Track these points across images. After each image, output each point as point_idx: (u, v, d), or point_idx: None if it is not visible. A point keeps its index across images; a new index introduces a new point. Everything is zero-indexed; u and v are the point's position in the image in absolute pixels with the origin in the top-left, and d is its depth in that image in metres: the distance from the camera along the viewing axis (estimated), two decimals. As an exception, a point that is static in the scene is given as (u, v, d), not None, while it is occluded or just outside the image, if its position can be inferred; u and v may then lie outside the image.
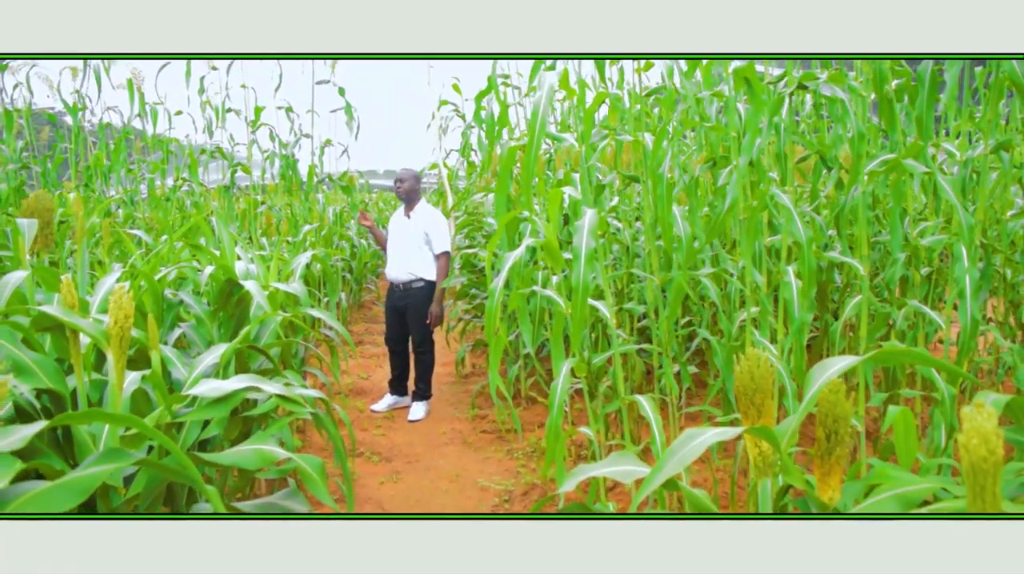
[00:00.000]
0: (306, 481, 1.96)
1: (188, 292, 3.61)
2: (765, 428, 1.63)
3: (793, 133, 3.62)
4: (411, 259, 5.69)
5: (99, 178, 6.78)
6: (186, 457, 1.34)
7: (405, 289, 5.72)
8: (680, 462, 1.58)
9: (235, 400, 2.01)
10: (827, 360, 1.84)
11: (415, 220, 5.70)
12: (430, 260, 5.70)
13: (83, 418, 1.56)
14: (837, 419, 1.64)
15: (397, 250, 5.77)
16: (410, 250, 5.69)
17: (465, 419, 5.84)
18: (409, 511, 4.25)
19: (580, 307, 2.29)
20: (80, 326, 1.99)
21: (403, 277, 5.70)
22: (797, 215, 2.66)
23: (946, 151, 2.99)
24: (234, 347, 2.91)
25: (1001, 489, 1.13)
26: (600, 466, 1.95)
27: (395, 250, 5.79)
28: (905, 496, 1.74)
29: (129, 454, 1.37)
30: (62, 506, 1.24)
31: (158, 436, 1.29)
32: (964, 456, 1.12)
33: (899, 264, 3.08)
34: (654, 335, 3.57)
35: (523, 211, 2.49)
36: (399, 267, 5.72)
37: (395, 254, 5.78)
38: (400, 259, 5.73)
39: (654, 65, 3.46)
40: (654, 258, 3.31)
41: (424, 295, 5.69)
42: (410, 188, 5.75)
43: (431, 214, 5.77)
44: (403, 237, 5.74)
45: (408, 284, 5.70)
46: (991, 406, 1.68)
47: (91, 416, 1.51)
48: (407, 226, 5.73)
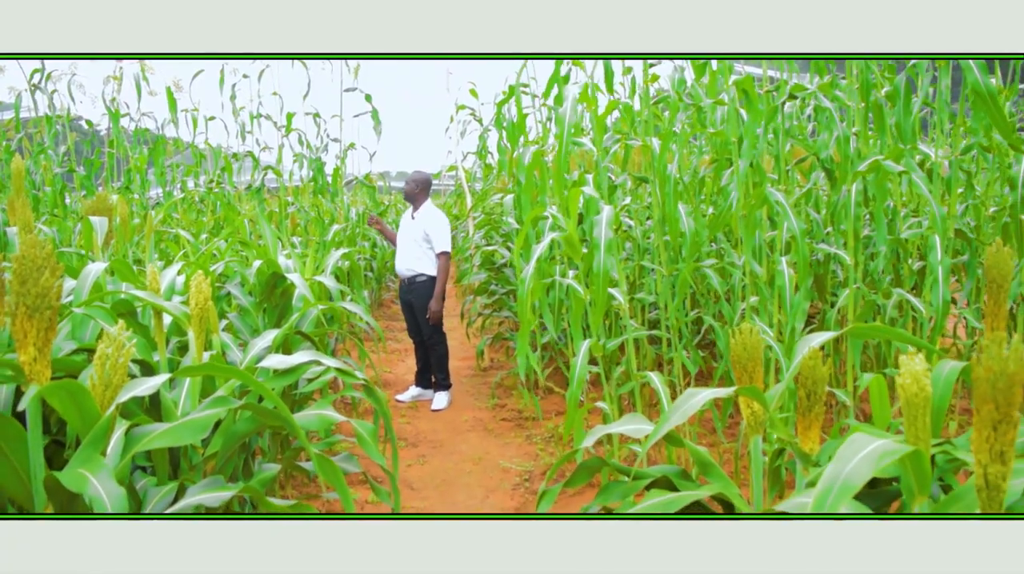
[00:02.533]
0: (360, 443, 2.28)
1: (235, 285, 3.94)
2: (753, 387, 1.94)
3: (792, 136, 3.92)
4: (413, 256, 6.14)
5: (139, 181, 7.15)
6: (281, 403, 1.65)
7: (410, 283, 6.20)
8: (683, 415, 1.89)
9: (300, 371, 2.34)
10: (809, 335, 2.15)
11: (419, 220, 6.14)
12: (432, 258, 6.11)
13: (201, 370, 1.87)
14: (815, 381, 1.95)
15: (402, 247, 6.25)
16: (413, 248, 6.14)
17: (486, 408, 6.16)
18: (436, 490, 4.56)
19: (600, 292, 2.61)
20: (168, 308, 2.32)
21: (405, 272, 6.19)
22: (792, 211, 2.98)
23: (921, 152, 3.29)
24: (284, 332, 3.24)
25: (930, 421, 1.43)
26: (614, 425, 2.27)
27: (401, 247, 6.27)
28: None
29: (232, 400, 1.69)
30: (187, 440, 1.55)
31: (260, 387, 1.61)
32: (901, 393, 1.43)
33: (881, 256, 3.39)
34: (663, 323, 3.88)
35: (548, 208, 2.80)
36: (403, 263, 6.22)
37: (400, 250, 6.27)
38: (404, 255, 6.21)
39: (660, 77, 3.78)
40: (662, 252, 3.62)
41: (427, 289, 6.11)
42: (412, 191, 6.17)
43: (433, 215, 6.19)
44: (408, 235, 6.20)
45: (412, 279, 6.17)
46: (949, 370, 2.01)
47: (207, 368, 1.82)
48: (412, 226, 6.19)
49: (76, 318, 2.63)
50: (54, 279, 1.56)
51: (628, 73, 4.23)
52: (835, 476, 1.30)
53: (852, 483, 1.28)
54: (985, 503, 1.31)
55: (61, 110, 7.28)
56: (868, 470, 1.29)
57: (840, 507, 1.27)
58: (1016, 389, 1.26)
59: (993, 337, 1.28)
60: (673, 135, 3.33)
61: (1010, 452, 1.28)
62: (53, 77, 7.09)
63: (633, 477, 2.07)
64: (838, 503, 1.27)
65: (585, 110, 3.42)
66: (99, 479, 1.41)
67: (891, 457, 1.30)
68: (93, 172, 7.50)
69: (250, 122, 7.61)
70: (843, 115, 3.98)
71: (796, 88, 3.00)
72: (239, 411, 2.06)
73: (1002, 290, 2.29)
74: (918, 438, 1.42)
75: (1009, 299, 3.64)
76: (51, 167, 6.74)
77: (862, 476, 1.28)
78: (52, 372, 1.60)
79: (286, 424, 1.71)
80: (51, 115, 7.10)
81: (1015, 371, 1.26)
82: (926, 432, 1.43)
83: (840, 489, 1.28)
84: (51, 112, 7.17)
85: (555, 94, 4.00)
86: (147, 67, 6.91)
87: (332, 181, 8.50)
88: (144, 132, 7.59)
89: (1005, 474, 1.29)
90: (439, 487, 4.60)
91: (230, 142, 8.02)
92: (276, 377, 2.37)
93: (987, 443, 1.28)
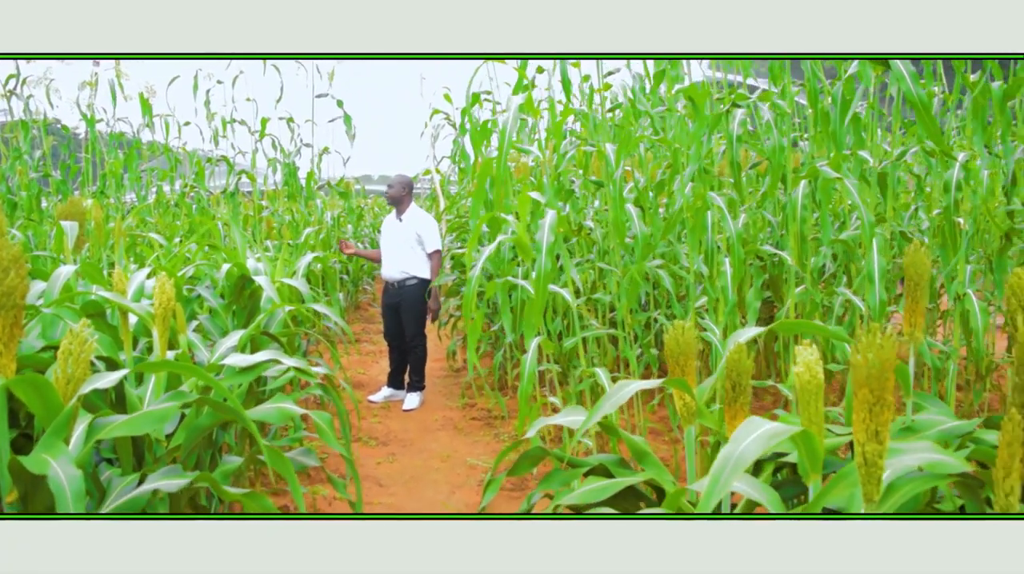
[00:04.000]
0: (319, 433, 2.41)
1: (206, 287, 4.05)
2: (681, 380, 2.08)
3: (745, 142, 4.07)
4: (404, 259, 6.15)
5: (114, 185, 7.24)
6: (232, 396, 1.77)
7: (399, 287, 6.18)
8: (613, 405, 2.02)
9: (260, 369, 2.46)
10: (737, 331, 2.29)
11: (407, 223, 6.16)
12: (422, 259, 6.15)
13: (157, 367, 1.99)
14: (740, 373, 2.08)
15: (391, 251, 6.23)
16: (403, 250, 6.15)
17: (456, 408, 6.28)
18: (403, 487, 4.68)
19: (541, 291, 2.74)
20: (133, 308, 2.43)
21: (397, 275, 6.16)
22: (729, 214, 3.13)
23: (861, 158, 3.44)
24: (250, 333, 3.35)
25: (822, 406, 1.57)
26: (555, 417, 2.40)
27: (389, 251, 6.25)
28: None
29: (188, 394, 1.82)
30: (145, 429, 1.68)
31: (212, 382, 1.73)
32: (796, 380, 1.57)
33: (821, 256, 3.55)
34: (620, 323, 4.02)
35: (499, 213, 2.94)
36: (393, 266, 6.18)
37: (389, 255, 6.24)
38: (394, 259, 6.19)
39: (612, 86, 3.92)
40: (617, 253, 3.77)
41: (416, 292, 6.14)
42: (398, 194, 6.20)
43: (422, 216, 6.24)
44: (396, 239, 6.20)
45: (402, 282, 6.16)
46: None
47: (164, 365, 1.94)
48: (400, 228, 6.19)
49: (46, 318, 2.74)
50: (19, 279, 1.68)
51: (587, 80, 4.38)
52: (729, 455, 1.43)
53: (744, 460, 1.42)
54: (864, 479, 1.45)
55: (37, 114, 7.36)
56: (758, 449, 1.42)
57: (732, 483, 1.41)
58: (889, 374, 1.40)
59: (870, 328, 1.42)
60: (627, 140, 3.47)
61: (885, 432, 1.42)
62: (29, 82, 7.17)
63: (568, 464, 2.20)
64: (731, 479, 1.40)
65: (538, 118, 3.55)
66: (59, 463, 1.53)
67: (780, 437, 1.44)
68: (70, 176, 7.58)
69: (223, 127, 7.71)
70: (796, 121, 4.15)
71: (739, 97, 3.15)
72: (203, 407, 2.19)
73: (919, 288, 2.44)
74: (811, 421, 1.56)
75: (950, 298, 3.81)
76: (27, 172, 6.82)
77: (753, 454, 1.42)
78: (20, 367, 1.72)
79: (237, 416, 1.83)
80: (27, 119, 7.18)
81: (887, 358, 1.40)
82: (819, 416, 1.57)
83: (733, 466, 1.42)
84: (27, 117, 7.24)
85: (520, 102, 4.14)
86: (122, 73, 7.00)
87: (306, 185, 8.61)
88: (120, 137, 7.68)
89: (881, 452, 1.43)
90: (407, 483, 4.72)
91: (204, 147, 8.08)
92: (237, 374, 2.49)
93: (864, 424, 1.42)
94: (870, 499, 1.46)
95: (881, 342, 1.39)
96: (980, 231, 4.35)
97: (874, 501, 1.46)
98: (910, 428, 2.20)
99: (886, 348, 1.39)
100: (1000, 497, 1.50)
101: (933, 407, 2.41)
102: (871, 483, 1.44)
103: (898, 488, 1.54)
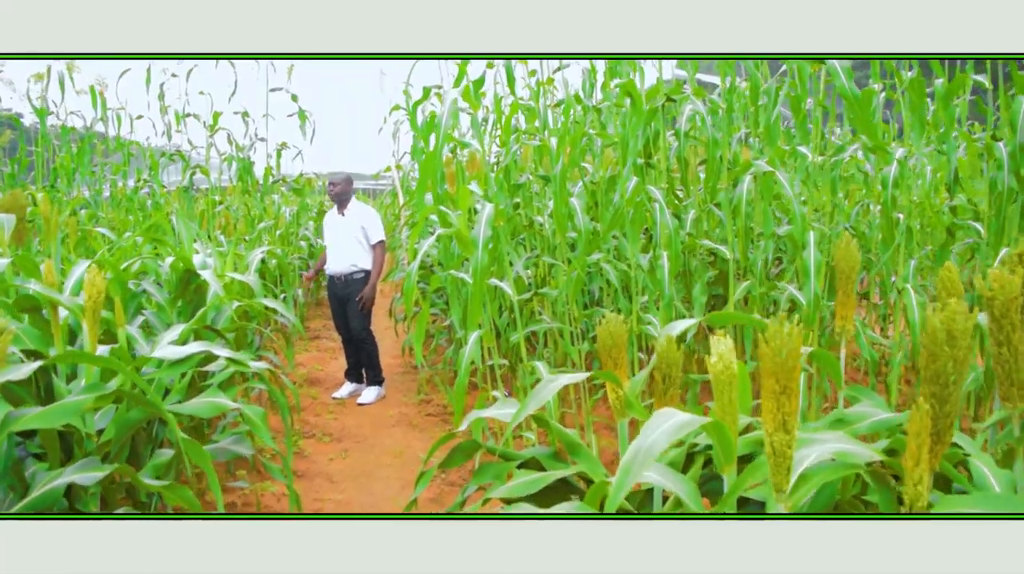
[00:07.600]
0: (251, 426, 2.39)
1: (151, 282, 4.00)
2: (610, 373, 2.08)
3: (693, 138, 4.09)
4: (352, 252, 6.19)
5: (65, 179, 7.13)
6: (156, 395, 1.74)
7: (346, 280, 6.21)
8: (539, 401, 2.02)
9: (191, 362, 2.43)
10: (670, 324, 2.30)
11: (350, 217, 6.20)
12: (368, 252, 6.17)
13: (73, 358, 1.96)
14: (670, 365, 2.09)
15: (337, 246, 6.27)
16: (350, 244, 6.19)
17: (412, 404, 6.26)
18: (354, 483, 4.66)
19: (479, 284, 2.75)
20: (61, 301, 2.40)
21: (345, 269, 6.20)
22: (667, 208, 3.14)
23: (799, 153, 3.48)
24: (191, 327, 3.31)
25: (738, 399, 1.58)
26: (488, 410, 2.40)
27: (334, 246, 6.29)
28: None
29: (105, 386, 1.79)
30: (60, 421, 1.65)
31: (132, 375, 1.71)
32: (711, 371, 1.58)
33: (760, 250, 3.58)
34: (566, 317, 4.03)
35: (441, 206, 2.93)
36: (341, 260, 6.21)
37: (335, 249, 6.28)
38: (341, 253, 6.22)
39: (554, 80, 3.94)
40: (563, 247, 3.78)
41: (363, 285, 6.15)
42: (343, 191, 6.23)
43: (364, 210, 6.33)
44: (341, 233, 6.25)
45: (349, 275, 6.20)
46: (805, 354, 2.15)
47: (79, 356, 1.91)
48: (343, 223, 6.24)
49: (-24, 312, 2.70)
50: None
51: (533, 75, 4.38)
52: (639, 446, 1.44)
53: (653, 451, 1.42)
54: (773, 469, 1.46)
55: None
56: (667, 440, 1.43)
57: (642, 473, 1.41)
58: (795, 365, 1.41)
59: (775, 319, 1.43)
60: (567, 134, 3.48)
61: (792, 421, 1.43)
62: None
63: (501, 457, 2.20)
64: (640, 469, 1.41)
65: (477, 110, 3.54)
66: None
67: (689, 428, 1.44)
68: (21, 170, 7.46)
69: (176, 121, 7.63)
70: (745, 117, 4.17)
71: (673, 91, 3.18)
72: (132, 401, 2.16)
73: (849, 281, 2.47)
74: (725, 412, 1.57)
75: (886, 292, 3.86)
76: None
77: (661, 445, 1.42)
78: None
79: (155, 408, 1.81)
80: (-24, 113, 7.06)
81: (793, 349, 1.41)
82: (732, 406, 1.58)
83: (643, 457, 1.42)
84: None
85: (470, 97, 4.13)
86: (73, 66, 6.90)
87: (264, 180, 8.54)
88: (71, 130, 7.56)
89: (789, 442, 1.44)
90: (358, 479, 4.70)
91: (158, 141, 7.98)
92: (170, 367, 2.46)
93: (771, 414, 1.43)
94: (779, 489, 1.47)
95: (788, 332, 1.41)
96: (924, 227, 4.41)
97: (783, 491, 1.47)
98: (841, 420, 2.22)
99: (792, 338, 1.41)
100: (909, 487, 1.52)
101: (867, 400, 2.43)
102: (780, 473, 1.46)
103: (809, 478, 1.55)
